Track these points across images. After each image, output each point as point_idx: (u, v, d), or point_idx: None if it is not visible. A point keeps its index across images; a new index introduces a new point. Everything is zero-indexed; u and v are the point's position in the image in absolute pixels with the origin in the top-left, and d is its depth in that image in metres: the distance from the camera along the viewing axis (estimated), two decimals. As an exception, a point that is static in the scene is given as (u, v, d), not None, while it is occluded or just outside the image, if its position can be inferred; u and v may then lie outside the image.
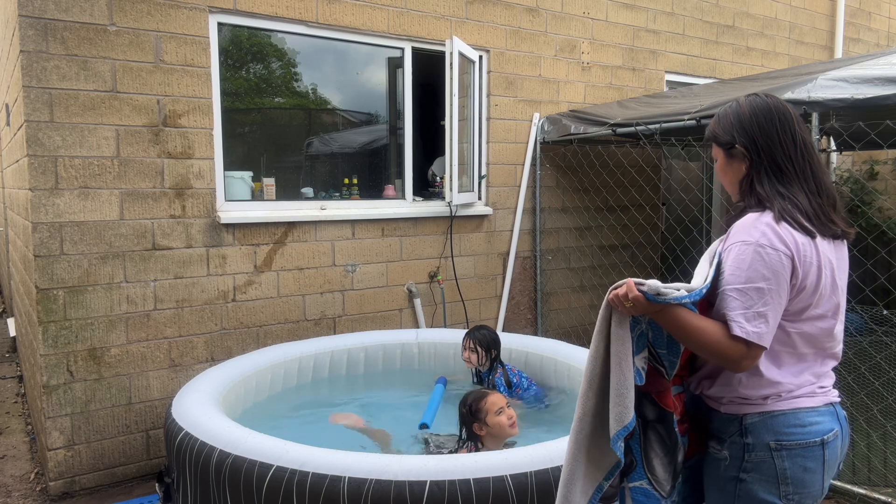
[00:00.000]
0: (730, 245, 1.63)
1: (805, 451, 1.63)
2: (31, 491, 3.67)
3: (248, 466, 2.30)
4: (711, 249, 1.78)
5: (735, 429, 1.67)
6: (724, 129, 1.75)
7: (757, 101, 1.73)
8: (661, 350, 1.69)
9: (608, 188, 5.38)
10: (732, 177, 1.77)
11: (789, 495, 1.63)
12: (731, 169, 1.76)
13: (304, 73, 4.46)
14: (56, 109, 3.41)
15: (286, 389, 3.73)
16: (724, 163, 1.77)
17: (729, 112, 1.76)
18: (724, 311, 1.59)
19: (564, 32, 5.30)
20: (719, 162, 1.79)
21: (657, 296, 1.55)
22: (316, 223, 4.26)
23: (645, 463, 1.70)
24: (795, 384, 1.65)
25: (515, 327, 5.24)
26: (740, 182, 1.74)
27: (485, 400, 2.84)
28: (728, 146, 1.74)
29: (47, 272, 3.45)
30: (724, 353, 1.56)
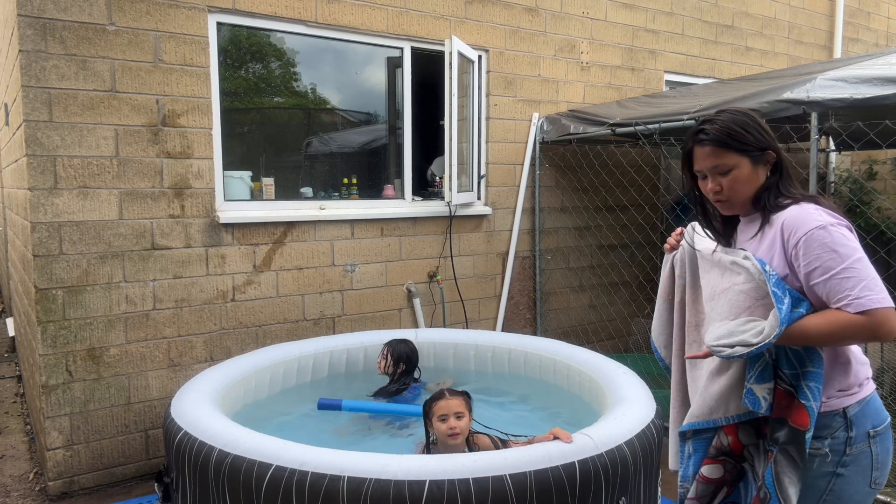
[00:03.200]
0: (802, 237, 1.60)
1: (887, 432, 1.70)
2: (30, 491, 3.67)
3: (248, 466, 2.30)
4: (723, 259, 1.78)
5: (839, 423, 1.66)
6: (754, 136, 1.73)
7: (752, 112, 1.80)
8: (788, 371, 1.66)
9: (607, 188, 5.39)
10: (754, 185, 1.75)
11: (878, 480, 1.68)
12: (756, 176, 1.74)
13: (304, 72, 4.46)
14: (55, 109, 3.41)
15: (285, 389, 3.73)
16: (750, 171, 1.74)
17: (746, 120, 1.74)
18: (841, 295, 1.55)
19: (564, 32, 5.30)
20: (742, 171, 1.74)
21: (750, 347, 1.58)
22: (315, 223, 4.26)
23: (778, 489, 1.65)
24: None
25: (515, 327, 5.24)
26: (759, 190, 1.75)
27: (437, 402, 2.75)
28: (759, 152, 1.73)
29: (46, 272, 3.45)
30: (867, 330, 1.53)
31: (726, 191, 1.76)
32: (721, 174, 1.75)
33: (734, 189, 1.75)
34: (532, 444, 2.41)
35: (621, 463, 2.37)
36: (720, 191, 1.77)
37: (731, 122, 1.74)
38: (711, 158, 1.76)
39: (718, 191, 1.78)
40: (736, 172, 1.74)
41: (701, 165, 1.80)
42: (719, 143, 1.73)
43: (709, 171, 1.78)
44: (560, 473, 2.25)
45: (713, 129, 1.74)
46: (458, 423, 2.69)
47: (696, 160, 1.81)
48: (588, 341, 5.43)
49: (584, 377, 3.54)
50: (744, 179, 1.74)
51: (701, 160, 1.79)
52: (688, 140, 1.83)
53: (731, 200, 1.78)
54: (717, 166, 1.75)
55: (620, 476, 2.39)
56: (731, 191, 1.76)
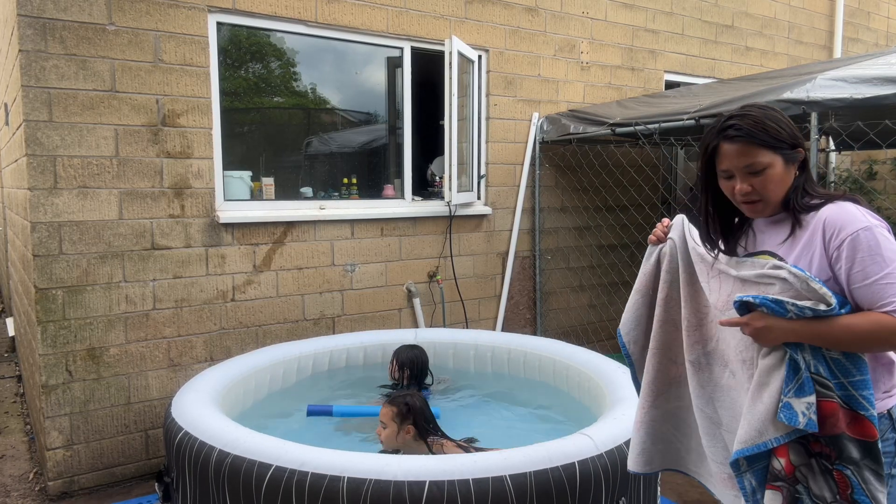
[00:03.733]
0: (847, 238, 1.52)
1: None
2: (29, 491, 3.67)
3: (248, 466, 2.30)
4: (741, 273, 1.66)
5: (886, 425, 1.62)
6: (788, 132, 1.62)
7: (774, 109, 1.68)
8: (833, 381, 1.54)
9: (607, 188, 5.39)
10: (786, 185, 1.64)
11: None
12: (788, 176, 1.63)
13: (304, 72, 4.46)
14: (55, 109, 3.41)
15: (285, 389, 3.73)
16: (783, 170, 1.62)
17: (778, 115, 1.64)
18: (885, 300, 1.49)
19: (563, 32, 5.30)
20: (776, 170, 1.62)
21: (804, 308, 1.49)
22: (315, 223, 4.26)
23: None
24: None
25: (514, 327, 5.24)
26: (789, 189, 1.65)
27: (381, 409, 2.95)
28: (791, 150, 1.62)
29: (46, 272, 3.44)
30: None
31: (758, 191, 1.63)
32: (753, 174, 1.62)
33: (767, 189, 1.63)
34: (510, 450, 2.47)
35: (621, 463, 2.37)
36: (751, 191, 1.64)
37: (764, 117, 1.62)
38: (743, 157, 1.62)
39: (749, 192, 1.64)
40: (770, 172, 1.62)
41: (730, 164, 1.65)
42: (753, 140, 1.60)
43: (739, 170, 1.64)
44: (560, 474, 2.25)
45: (746, 125, 1.61)
46: (381, 431, 2.91)
47: (722, 158, 1.66)
48: (588, 341, 5.43)
49: (584, 377, 3.54)
50: (777, 179, 1.63)
51: (730, 158, 1.64)
52: (712, 136, 1.68)
53: (765, 201, 1.65)
54: (749, 165, 1.62)
55: (620, 476, 2.39)
56: (765, 191, 1.63)
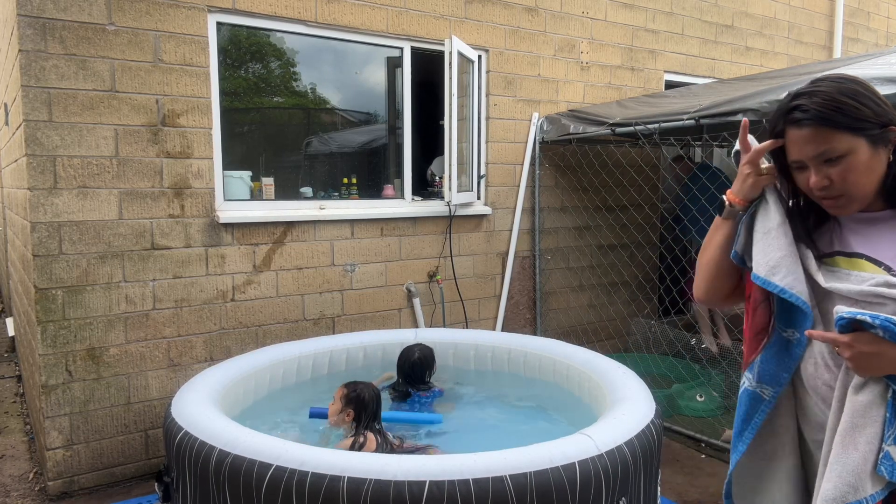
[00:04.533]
0: None
1: None
2: (29, 491, 3.67)
3: (248, 466, 2.30)
4: (842, 288, 1.35)
5: None
6: (871, 108, 1.31)
7: (854, 80, 1.37)
8: None
9: (607, 188, 5.39)
10: (877, 173, 1.34)
11: None
12: (878, 161, 1.33)
13: (303, 72, 4.46)
14: (55, 109, 3.41)
15: (285, 389, 3.73)
16: (870, 155, 1.32)
17: (857, 88, 1.33)
18: None
19: (563, 32, 5.30)
20: (859, 156, 1.32)
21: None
22: (315, 223, 4.26)
23: None
24: None
25: (514, 327, 5.24)
26: (885, 178, 1.36)
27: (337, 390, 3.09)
28: (879, 129, 1.32)
29: (46, 272, 3.44)
30: None
31: (838, 184, 1.33)
32: (829, 163, 1.33)
33: (850, 181, 1.33)
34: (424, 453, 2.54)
35: (621, 463, 2.37)
36: (829, 185, 1.34)
37: (837, 92, 1.32)
38: (815, 143, 1.33)
39: (827, 185, 1.34)
40: (851, 159, 1.31)
41: (799, 154, 1.36)
42: (824, 122, 1.31)
43: (811, 160, 1.34)
44: (560, 474, 2.25)
45: (814, 105, 1.32)
46: (330, 406, 3.08)
47: (791, 147, 1.37)
48: (588, 341, 5.44)
49: (584, 377, 3.54)
50: (862, 167, 1.32)
51: (799, 146, 1.35)
52: (777, 120, 1.40)
53: (848, 195, 1.34)
54: (823, 153, 1.32)
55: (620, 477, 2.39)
56: (846, 183, 1.33)
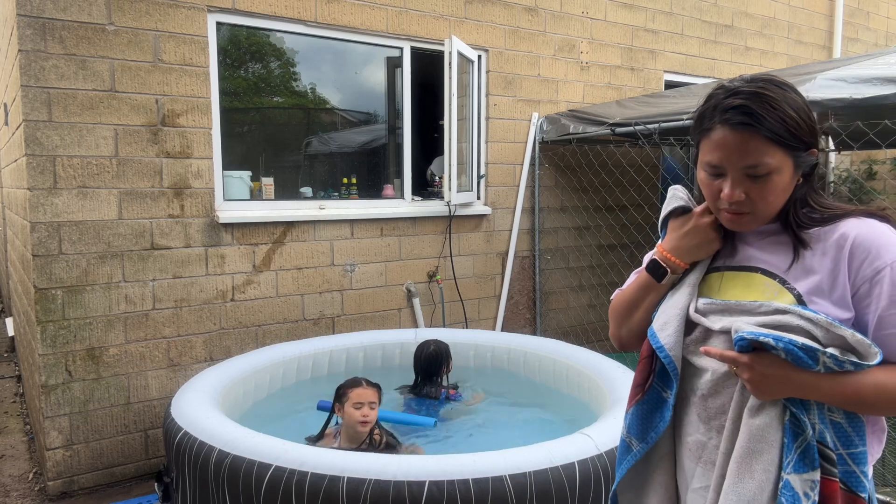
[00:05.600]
0: (886, 268, 1.15)
1: None
2: (29, 490, 3.67)
3: (247, 466, 2.30)
4: (731, 320, 1.24)
5: None
6: (808, 126, 1.20)
7: (795, 90, 1.23)
8: (834, 453, 1.17)
9: (607, 188, 5.39)
10: (787, 195, 1.24)
11: None
12: (792, 184, 1.23)
13: (303, 72, 4.46)
14: (54, 109, 3.40)
15: (285, 389, 3.73)
16: (790, 177, 1.21)
17: (798, 102, 1.20)
18: None
19: (563, 32, 5.30)
20: (783, 177, 1.20)
21: (840, 359, 1.12)
22: (315, 223, 4.26)
23: None
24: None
25: (514, 327, 5.24)
26: (790, 201, 1.25)
27: (354, 389, 2.88)
28: (805, 151, 1.21)
29: (46, 272, 3.44)
30: None
31: (755, 202, 1.21)
32: (752, 178, 1.20)
33: (766, 201, 1.21)
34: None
35: (621, 463, 2.37)
36: (744, 201, 1.21)
37: (784, 101, 1.18)
38: (745, 153, 1.18)
39: (742, 201, 1.21)
40: (775, 178, 1.19)
41: (722, 159, 1.21)
42: (765, 132, 1.16)
43: (735, 169, 1.20)
44: (560, 474, 2.25)
45: (760, 110, 1.16)
46: (371, 413, 2.84)
47: (712, 148, 1.22)
48: (588, 341, 5.43)
49: (584, 377, 3.54)
50: (781, 188, 1.21)
51: (725, 151, 1.20)
52: (707, 114, 1.24)
53: (756, 214, 1.23)
54: (751, 166, 1.18)
55: (620, 476, 2.39)
56: (762, 203, 1.21)
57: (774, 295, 1.23)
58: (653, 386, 1.37)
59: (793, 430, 1.17)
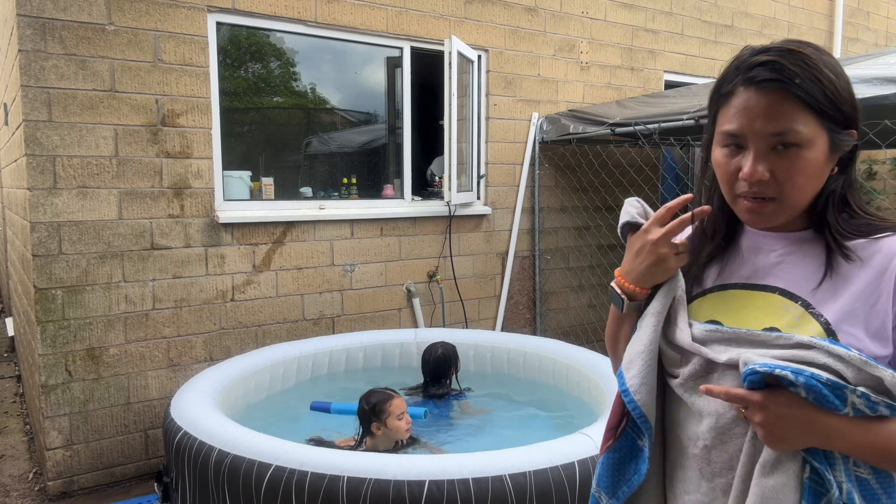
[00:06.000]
0: None
1: None
2: (29, 490, 3.67)
3: (247, 466, 2.30)
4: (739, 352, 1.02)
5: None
6: (849, 101, 1.00)
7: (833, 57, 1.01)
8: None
9: (607, 188, 5.39)
10: (818, 182, 1.02)
11: None
12: (825, 169, 1.01)
13: (303, 72, 4.46)
14: (54, 109, 3.40)
15: (285, 389, 3.73)
16: (825, 158, 0.99)
17: (835, 66, 0.99)
18: None
19: (563, 32, 5.30)
20: (817, 152, 0.98)
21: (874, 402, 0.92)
22: (314, 223, 4.26)
23: None
24: None
25: (514, 327, 5.24)
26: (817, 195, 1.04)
27: (390, 403, 2.92)
28: (842, 129, 1.00)
29: (45, 272, 3.44)
30: None
31: (782, 183, 0.99)
32: (779, 150, 0.98)
33: (795, 183, 0.99)
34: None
35: (621, 463, 2.37)
36: (768, 181, 0.99)
37: (821, 62, 0.98)
38: (773, 117, 0.96)
39: (765, 180, 0.99)
40: (807, 154, 0.97)
41: (744, 126, 0.99)
42: (798, 92, 0.96)
43: (759, 138, 0.98)
44: (560, 474, 2.25)
45: (792, 66, 0.96)
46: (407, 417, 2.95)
47: (734, 114, 1.01)
48: (588, 341, 5.43)
49: (584, 377, 3.54)
50: (813, 169, 0.99)
51: (748, 116, 0.98)
52: (729, 76, 1.03)
53: (782, 203, 1.01)
54: (780, 132, 0.97)
55: (620, 476, 2.39)
56: (789, 184, 0.99)
57: (796, 322, 1.00)
58: (626, 431, 1.16)
59: (814, 490, 0.95)
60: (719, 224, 1.15)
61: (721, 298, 1.11)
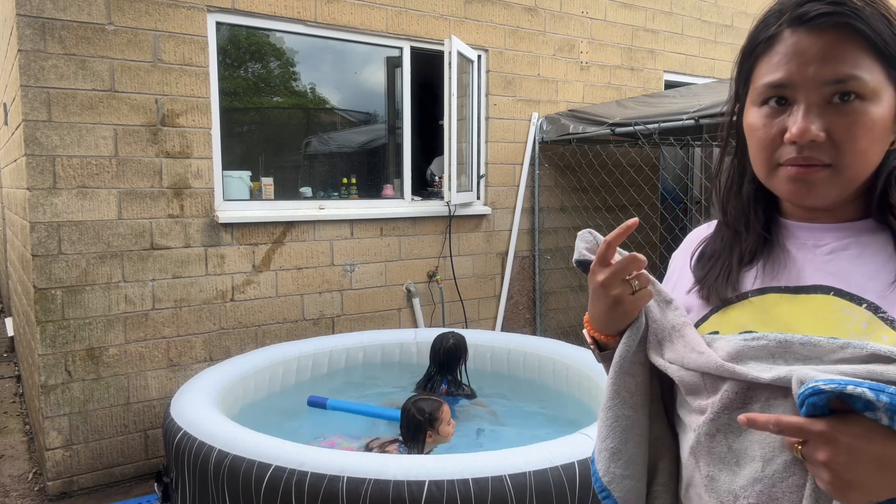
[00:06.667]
0: None
1: None
2: (28, 491, 3.66)
3: (247, 466, 2.30)
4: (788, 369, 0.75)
5: None
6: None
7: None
8: None
9: (607, 188, 5.38)
10: (882, 151, 0.81)
11: None
12: (889, 135, 0.81)
13: (303, 72, 4.46)
14: (54, 109, 3.40)
15: (284, 389, 3.73)
16: (893, 117, 0.79)
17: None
18: None
19: (563, 32, 5.29)
20: (882, 108, 0.78)
21: None
22: (314, 223, 4.25)
23: None
24: None
25: (514, 327, 5.24)
26: (880, 168, 0.82)
27: (441, 409, 2.94)
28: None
29: (45, 272, 3.44)
30: None
31: (839, 145, 0.77)
32: (835, 104, 0.77)
33: (855, 145, 0.77)
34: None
35: (621, 463, 2.36)
36: (822, 141, 0.77)
37: (884, 5, 0.79)
38: (829, 60, 0.76)
39: (819, 141, 0.77)
40: (871, 108, 0.77)
41: (792, 73, 0.79)
42: (860, 26, 0.76)
43: (812, 87, 0.77)
44: (560, 474, 2.25)
45: (861, 2, 0.77)
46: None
47: (779, 62, 0.80)
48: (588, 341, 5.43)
49: (584, 377, 3.54)
50: (879, 130, 0.78)
51: (796, 60, 0.78)
52: (774, 18, 0.82)
53: (839, 171, 0.79)
54: (838, 77, 0.76)
55: (620, 476, 2.38)
56: (850, 146, 0.77)
57: (863, 329, 0.77)
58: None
59: None
60: (755, 214, 0.91)
61: (757, 305, 0.86)
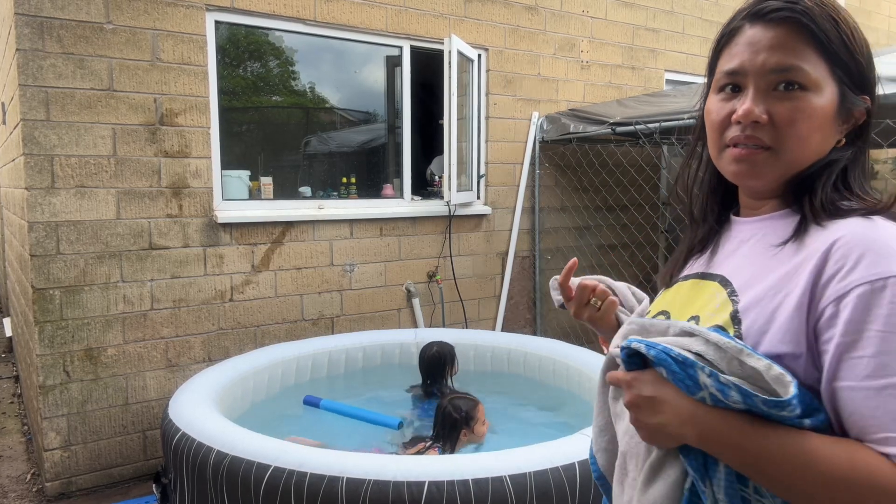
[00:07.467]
0: (864, 285, 0.76)
1: None
2: (27, 492, 3.65)
3: (246, 467, 2.28)
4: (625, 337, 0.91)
5: None
6: (865, 56, 0.91)
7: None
8: None
9: (607, 187, 5.37)
10: (820, 140, 0.88)
11: None
12: (830, 128, 0.89)
13: (302, 71, 4.45)
14: (52, 108, 3.39)
15: (284, 390, 3.71)
16: (832, 112, 0.88)
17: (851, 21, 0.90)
18: (880, 419, 0.73)
19: (563, 31, 5.28)
20: (822, 100, 0.86)
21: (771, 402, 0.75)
22: (314, 223, 4.24)
23: None
24: None
25: (514, 327, 5.23)
26: (813, 163, 0.89)
27: (477, 408, 2.95)
28: (854, 87, 0.90)
29: (43, 272, 3.43)
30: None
31: (780, 129, 0.86)
32: (780, 92, 0.87)
33: (794, 130, 0.86)
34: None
35: (622, 464, 2.36)
36: (765, 124, 0.87)
37: (838, 8, 0.88)
38: (778, 52, 0.86)
39: (762, 123, 0.87)
40: (812, 99, 0.86)
41: (745, 62, 0.89)
42: (808, 27, 0.86)
43: (760, 74, 0.87)
44: (560, 474, 2.24)
45: (812, 3, 0.87)
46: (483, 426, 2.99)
47: (736, 52, 0.91)
48: (588, 341, 5.42)
49: (584, 377, 3.53)
50: (818, 121, 0.87)
51: (751, 51, 0.89)
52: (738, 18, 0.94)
53: (777, 154, 0.88)
54: (784, 68, 0.86)
55: (621, 477, 2.37)
56: (789, 131, 0.86)
57: (716, 309, 0.89)
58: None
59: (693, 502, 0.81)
60: (710, 207, 1.04)
61: (674, 290, 1.03)
